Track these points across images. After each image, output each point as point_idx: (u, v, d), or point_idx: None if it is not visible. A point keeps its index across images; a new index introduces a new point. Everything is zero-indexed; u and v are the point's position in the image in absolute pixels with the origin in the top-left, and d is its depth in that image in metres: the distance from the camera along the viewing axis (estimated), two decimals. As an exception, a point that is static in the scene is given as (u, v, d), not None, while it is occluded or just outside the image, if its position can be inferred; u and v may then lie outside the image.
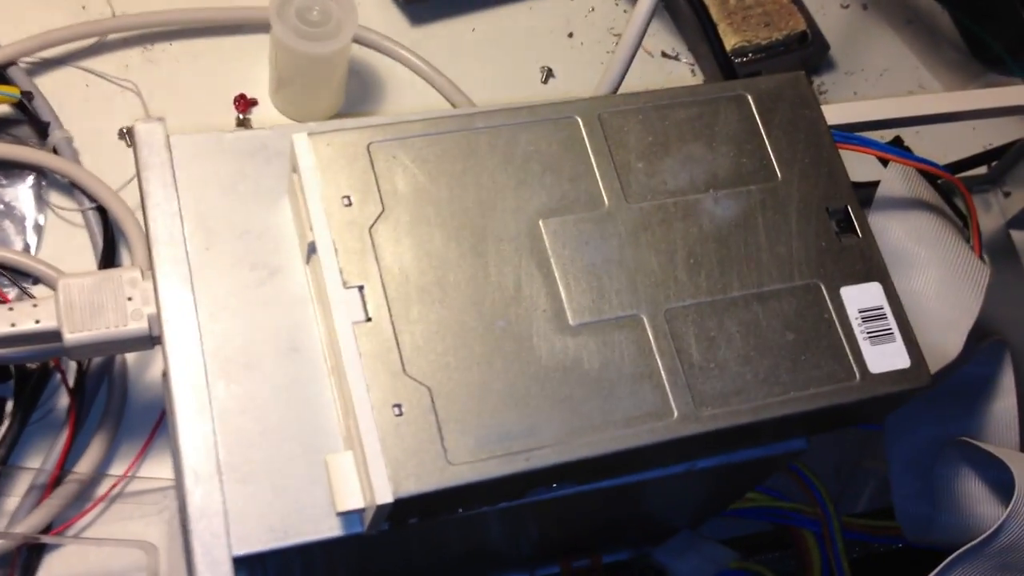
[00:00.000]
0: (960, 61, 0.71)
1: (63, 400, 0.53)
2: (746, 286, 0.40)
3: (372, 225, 0.39)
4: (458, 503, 0.38)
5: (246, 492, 0.37)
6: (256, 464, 0.38)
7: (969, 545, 0.43)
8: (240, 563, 0.37)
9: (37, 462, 0.51)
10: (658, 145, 0.42)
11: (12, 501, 0.51)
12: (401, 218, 0.39)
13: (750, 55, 0.65)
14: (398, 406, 0.36)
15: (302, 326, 0.40)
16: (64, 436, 0.51)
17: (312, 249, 0.39)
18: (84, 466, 0.51)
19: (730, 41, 0.65)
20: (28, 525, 0.49)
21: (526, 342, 0.38)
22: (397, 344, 0.37)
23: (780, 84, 0.44)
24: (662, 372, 0.38)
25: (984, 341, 0.49)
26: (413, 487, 0.35)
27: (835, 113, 0.53)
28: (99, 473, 0.52)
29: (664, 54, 0.69)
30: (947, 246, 0.48)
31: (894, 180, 0.49)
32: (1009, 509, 0.43)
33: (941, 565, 0.44)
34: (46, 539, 0.49)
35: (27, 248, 0.56)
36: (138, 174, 0.41)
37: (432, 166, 0.40)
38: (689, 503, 0.49)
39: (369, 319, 0.37)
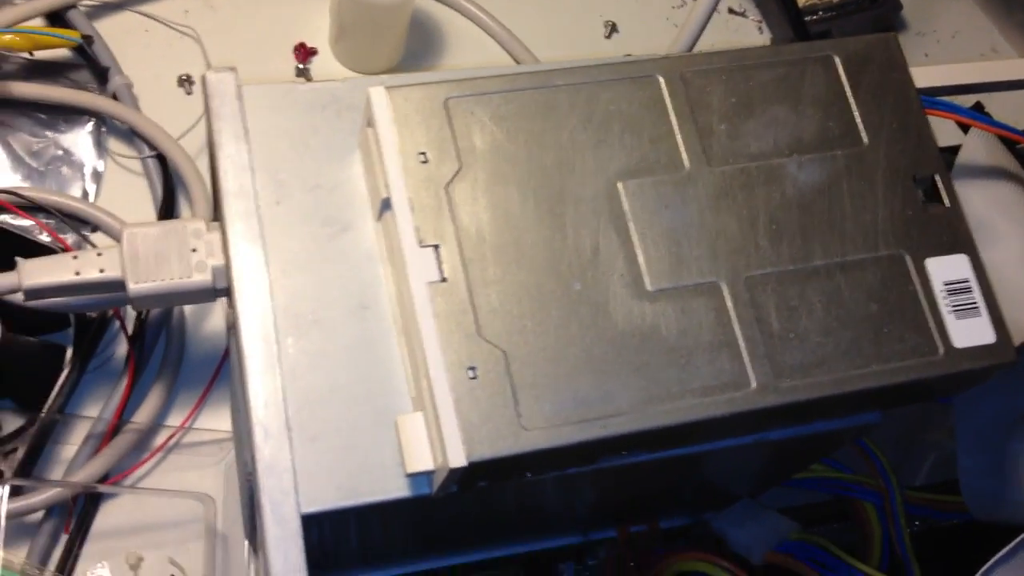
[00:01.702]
0: (1034, 25, 0.70)
1: (121, 348, 0.53)
2: (829, 255, 0.39)
3: (449, 183, 0.38)
4: (530, 468, 0.37)
5: (315, 450, 0.37)
6: (325, 422, 0.37)
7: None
8: (308, 521, 0.36)
9: (95, 410, 0.51)
10: (741, 107, 0.41)
11: (70, 449, 0.51)
12: (478, 176, 0.38)
13: (820, 13, 0.64)
14: (472, 368, 0.35)
15: (372, 284, 0.39)
16: (123, 386, 0.51)
17: (386, 206, 0.38)
18: (142, 416, 0.51)
19: (800, -1, 0.64)
20: (85, 474, 0.49)
21: (603, 307, 0.37)
22: (472, 306, 0.36)
23: (870, 46, 0.42)
24: (741, 341, 0.37)
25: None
26: (487, 451, 0.35)
27: (920, 77, 0.52)
28: (156, 423, 0.52)
29: (731, 10, 0.67)
30: (1029, 217, 0.46)
31: (975, 146, 0.48)
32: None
33: (1012, 544, 0.43)
34: (103, 488, 0.49)
35: (85, 195, 0.56)
36: (208, 125, 0.40)
37: (510, 123, 0.39)
38: (752, 473, 0.49)
39: (444, 279, 0.36)
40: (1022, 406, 0.48)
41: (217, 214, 0.41)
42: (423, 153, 0.38)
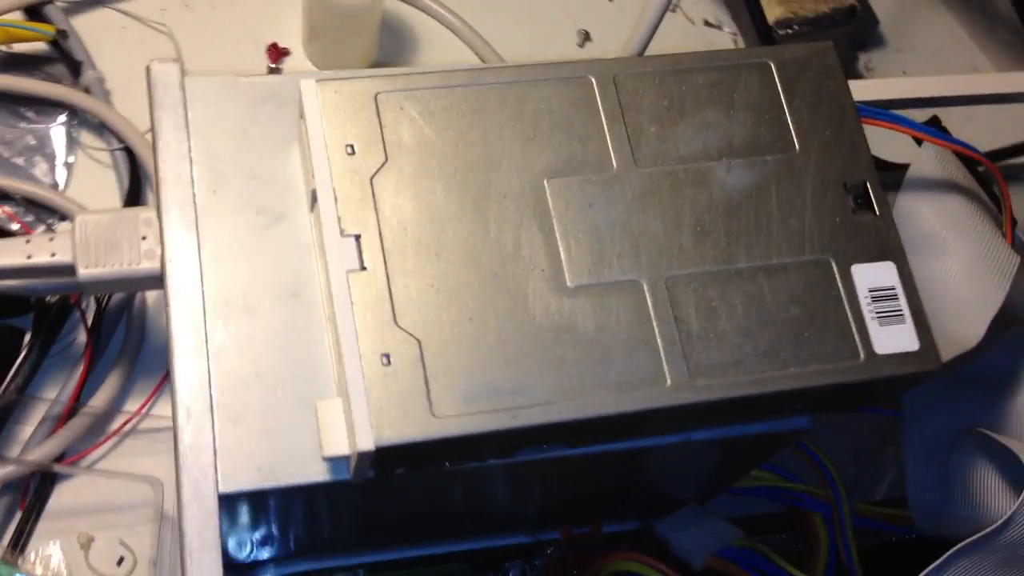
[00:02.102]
0: (1016, 43, 0.69)
1: (83, 335, 0.54)
2: (753, 258, 0.39)
3: (374, 175, 0.38)
4: (444, 456, 0.37)
5: (237, 432, 0.37)
6: (248, 405, 0.38)
7: (976, 536, 0.42)
8: (226, 500, 0.37)
9: (54, 394, 0.52)
10: (673, 110, 0.41)
11: (27, 430, 0.52)
12: (404, 169, 0.38)
13: (795, 27, 0.64)
14: (386, 356, 0.36)
15: (304, 273, 0.40)
16: (79, 370, 0.52)
17: (315, 197, 0.39)
18: (98, 400, 0.52)
19: (774, 12, 0.64)
20: (41, 453, 0.50)
21: (521, 301, 0.37)
22: (390, 295, 0.37)
23: (806, 53, 0.43)
24: (658, 339, 0.38)
25: (1007, 330, 0.47)
26: (395, 436, 0.35)
27: (874, 89, 0.52)
28: (113, 408, 0.52)
29: (707, 22, 0.67)
30: (976, 232, 0.46)
31: (927, 160, 0.48)
32: (1019, 502, 0.42)
33: (946, 555, 0.43)
34: (57, 468, 0.50)
35: (55, 185, 0.57)
36: (151, 114, 0.41)
37: (439, 119, 0.39)
38: (692, 476, 0.49)
39: (364, 268, 0.37)
40: (967, 421, 0.48)
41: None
42: (351, 145, 0.38)
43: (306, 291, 0.39)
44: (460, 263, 0.38)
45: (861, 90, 0.49)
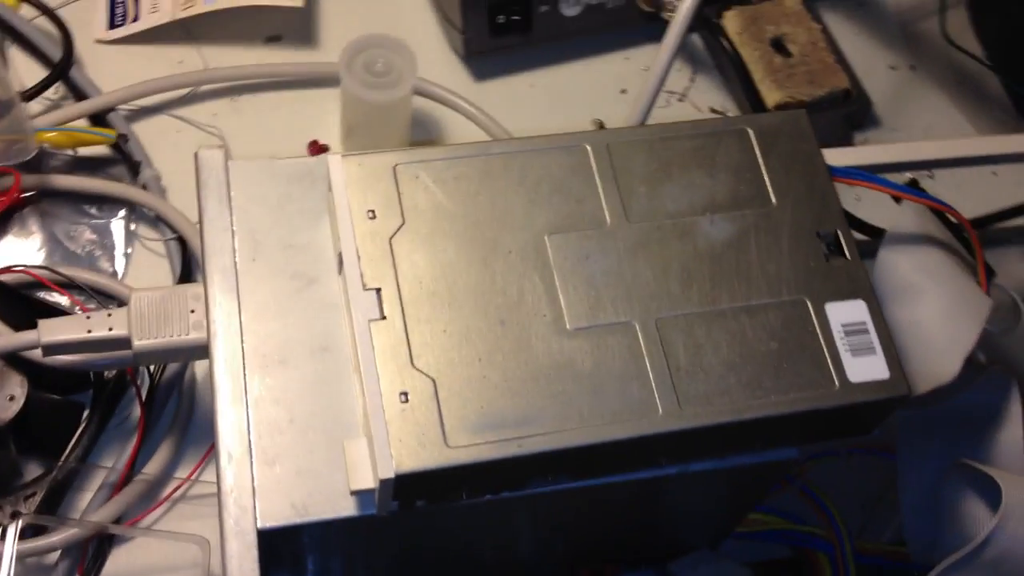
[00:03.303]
0: (1008, 121, 0.74)
1: (137, 410, 0.58)
2: (735, 300, 0.43)
3: (393, 236, 0.43)
4: (459, 486, 0.41)
5: (273, 473, 0.42)
6: (283, 448, 0.42)
7: (956, 556, 0.45)
8: (264, 536, 0.41)
9: (111, 463, 0.57)
10: (661, 172, 0.46)
11: (87, 496, 0.56)
12: (420, 230, 0.43)
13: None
14: (404, 394, 0.40)
15: (333, 329, 0.44)
16: (134, 440, 0.57)
17: (341, 259, 0.43)
18: (152, 468, 0.57)
19: (774, 97, 0.69)
20: (99, 517, 0.55)
21: (525, 342, 0.42)
22: (407, 340, 0.41)
23: (781, 120, 0.48)
24: (650, 373, 0.42)
25: (988, 370, 0.51)
26: (413, 465, 0.39)
27: (858, 155, 0.56)
28: (165, 475, 0.57)
29: (712, 110, 0.72)
30: (951, 278, 0.50)
31: (906, 217, 0.52)
32: (996, 521, 0.45)
33: (932, 574, 0.46)
34: (113, 529, 0.54)
35: (115, 274, 0.62)
36: (198, 192, 0.47)
37: (450, 186, 0.44)
38: (698, 514, 0.52)
39: (384, 317, 0.42)
40: (955, 456, 0.51)
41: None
42: (372, 210, 0.43)
43: (335, 345, 0.44)
44: (470, 311, 0.42)
45: (847, 156, 0.53)
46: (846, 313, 0.44)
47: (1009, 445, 0.51)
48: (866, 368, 0.43)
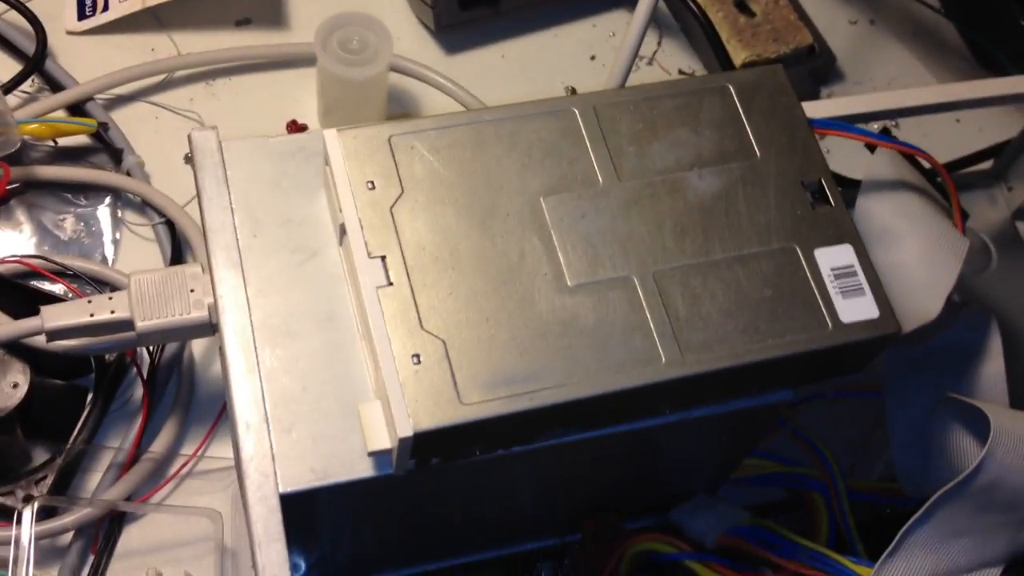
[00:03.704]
0: (966, 69, 0.76)
1: (140, 391, 0.59)
2: (727, 250, 0.45)
3: (393, 205, 0.44)
4: (473, 442, 0.43)
5: (290, 439, 0.43)
6: (299, 416, 0.43)
7: (949, 485, 0.47)
8: (287, 500, 0.42)
9: (118, 443, 0.58)
10: (648, 131, 0.47)
11: (96, 477, 0.57)
12: (418, 198, 0.44)
13: (760, 68, 0.70)
14: (416, 356, 0.42)
15: (337, 299, 0.45)
16: (139, 420, 0.58)
17: (343, 230, 0.45)
18: (158, 446, 0.58)
19: (740, 56, 0.70)
20: (110, 496, 0.56)
21: (529, 301, 0.43)
22: (415, 304, 0.42)
23: (759, 75, 0.49)
24: (651, 325, 0.43)
25: (966, 308, 0.53)
26: (429, 422, 0.40)
27: (831, 107, 0.58)
28: (172, 452, 0.58)
29: (681, 71, 0.74)
30: (929, 221, 0.52)
31: (880, 164, 0.54)
32: (985, 449, 0.47)
33: (926, 504, 0.48)
34: (124, 506, 0.56)
35: (105, 260, 0.63)
36: (195, 174, 0.48)
37: (445, 154, 0.45)
38: (698, 460, 0.54)
39: (391, 283, 0.43)
40: (941, 392, 0.53)
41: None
42: (371, 182, 0.45)
43: (340, 315, 0.45)
44: (473, 273, 0.43)
45: (819, 108, 0.55)
46: (834, 257, 0.45)
47: (992, 378, 0.53)
48: (856, 309, 0.44)
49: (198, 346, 0.61)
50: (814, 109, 0.54)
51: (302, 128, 0.68)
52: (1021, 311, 0.68)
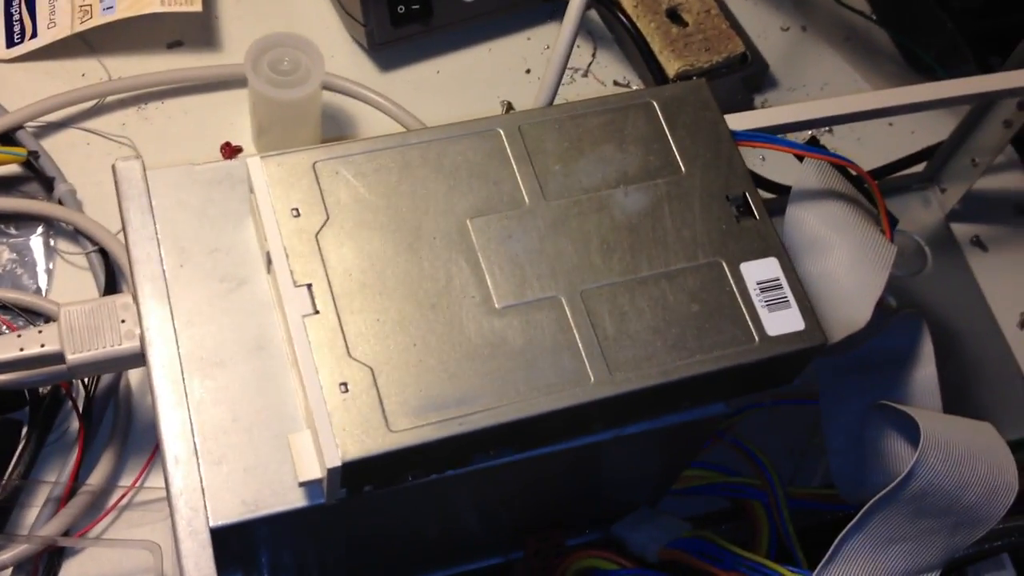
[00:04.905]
0: (897, 72, 0.77)
1: (75, 423, 0.59)
2: (655, 267, 0.45)
3: (318, 232, 0.44)
4: (404, 468, 0.43)
5: (221, 472, 0.42)
6: (229, 448, 0.43)
7: (882, 493, 0.48)
8: (219, 534, 0.42)
9: (54, 477, 0.57)
10: (573, 149, 0.47)
11: (33, 512, 0.56)
12: (344, 224, 0.44)
13: (693, 78, 0.71)
14: (344, 384, 0.41)
15: (266, 328, 0.45)
16: (75, 453, 0.57)
17: (269, 258, 0.44)
18: (95, 479, 0.57)
19: (673, 66, 0.71)
20: (47, 531, 0.55)
21: (457, 324, 0.43)
22: (342, 331, 0.42)
23: (683, 91, 0.49)
24: (579, 344, 0.43)
25: (899, 313, 0.53)
26: (357, 451, 0.40)
27: (759, 118, 0.58)
28: (110, 484, 0.57)
29: (616, 83, 0.74)
30: (857, 229, 0.52)
31: (808, 174, 0.54)
32: (916, 456, 0.47)
33: (860, 513, 0.48)
34: (62, 541, 0.55)
35: (39, 291, 0.62)
36: (119, 204, 0.47)
37: (371, 178, 0.45)
38: (635, 475, 0.54)
39: (317, 312, 0.43)
40: (874, 398, 0.54)
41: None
42: (295, 209, 0.44)
43: (270, 343, 0.45)
44: (401, 298, 0.43)
45: (749, 120, 0.55)
46: (760, 271, 0.46)
47: (924, 383, 0.54)
48: (783, 321, 0.45)
49: (135, 376, 0.60)
50: (745, 120, 0.54)
51: (237, 150, 0.68)
52: (956, 311, 0.69)
